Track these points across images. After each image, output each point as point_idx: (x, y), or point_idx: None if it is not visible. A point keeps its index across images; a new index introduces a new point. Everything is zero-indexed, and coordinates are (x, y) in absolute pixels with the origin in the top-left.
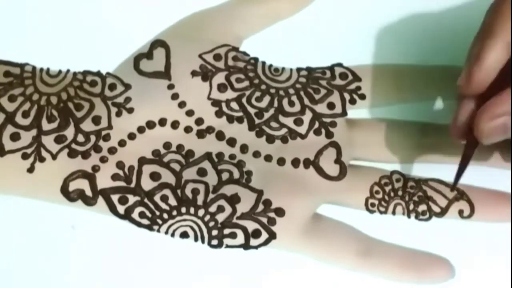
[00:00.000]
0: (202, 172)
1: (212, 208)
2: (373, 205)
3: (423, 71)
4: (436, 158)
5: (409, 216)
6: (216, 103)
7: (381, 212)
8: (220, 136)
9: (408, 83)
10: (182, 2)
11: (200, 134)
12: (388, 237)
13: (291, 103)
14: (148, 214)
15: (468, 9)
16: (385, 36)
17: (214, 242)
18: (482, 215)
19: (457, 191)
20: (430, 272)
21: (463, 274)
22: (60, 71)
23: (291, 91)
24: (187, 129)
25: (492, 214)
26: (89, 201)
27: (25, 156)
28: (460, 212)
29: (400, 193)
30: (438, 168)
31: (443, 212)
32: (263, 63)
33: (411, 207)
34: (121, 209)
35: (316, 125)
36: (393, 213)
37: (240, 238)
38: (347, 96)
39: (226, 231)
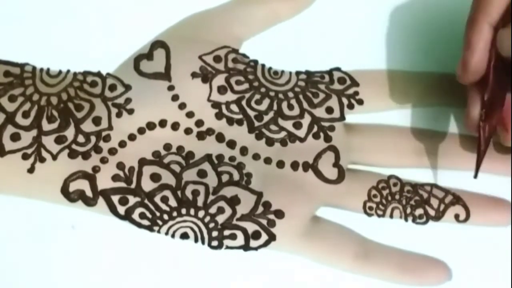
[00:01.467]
0: (202, 174)
1: (212, 210)
2: (371, 208)
3: (420, 77)
4: (432, 163)
5: (406, 220)
6: (216, 105)
7: (379, 216)
8: (220, 138)
9: (405, 89)
10: (182, 2)
11: (200, 136)
12: (386, 240)
13: (290, 107)
14: (149, 215)
15: (466, 18)
16: (383, 41)
17: (214, 243)
18: (478, 220)
19: (453, 196)
20: (427, 275)
21: (460, 276)
22: (60, 71)
23: (290, 94)
24: (187, 131)
25: (488, 219)
26: (90, 202)
27: (25, 157)
28: (456, 216)
29: (397, 197)
30: (434, 173)
31: (439, 216)
32: (263, 65)
33: (408, 210)
34: (121, 209)
35: (315, 129)
36: (391, 216)
37: (240, 240)
38: (345, 101)
39: (226, 232)
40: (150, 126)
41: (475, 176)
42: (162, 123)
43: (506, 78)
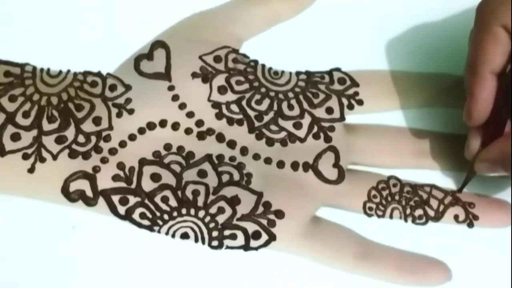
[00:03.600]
0: (202, 174)
1: (213, 210)
2: (371, 208)
3: (420, 78)
4: (431, 164)
5: (406, 220)
6: (216, 105)
7: (378, 216)
8: (220, 138)
9: (405, 90)
10: (182, 2)
11: (201, 136)
12: (386, 240)
13: (290, 107)
14: (149, 215)
15: (466, 18)
16: (383, 41)
17: (215, 243)
18: (482, 222)
19: (453, 196)
20: (427, 275)
21: (460, 276)
22: (60, 72)
23: (290, 94)
24: (188, 131)
25: (488, 220)
26: (90, 202)
27: (25, 157)
28: (456, 217)
29: (397, 197)
30: (433, 174)
31: (438, 216)
32: (263, 66)
33: (408, 211)
34: (121, 209)
35: (315, 129)
36: (391, 217)
37: (240, 240)
38: (345, 101)
39: (226, 232)
40: (150, 126)
41: (460, 191)
42: (163, 123)
43: (505, 109)
